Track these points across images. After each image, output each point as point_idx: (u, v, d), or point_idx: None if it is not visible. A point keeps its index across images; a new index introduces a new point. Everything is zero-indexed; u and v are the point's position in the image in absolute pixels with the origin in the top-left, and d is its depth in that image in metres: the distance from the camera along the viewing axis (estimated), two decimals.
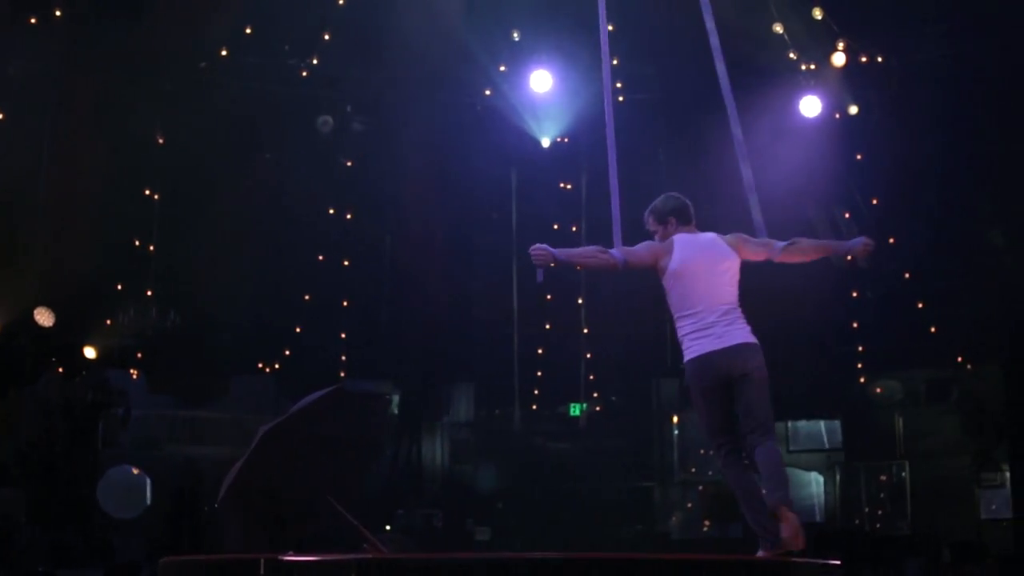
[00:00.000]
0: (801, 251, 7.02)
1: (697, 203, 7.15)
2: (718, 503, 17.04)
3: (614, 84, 15.19)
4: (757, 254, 7.02)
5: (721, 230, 7.12)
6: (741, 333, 6.80)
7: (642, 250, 7.00)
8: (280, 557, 5.16)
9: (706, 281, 6.86)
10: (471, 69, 14.98)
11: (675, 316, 6.93)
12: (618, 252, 6.94)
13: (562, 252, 6.76)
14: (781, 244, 6.97)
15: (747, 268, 7.02)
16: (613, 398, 17.68)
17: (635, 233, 7.25)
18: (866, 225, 15.40)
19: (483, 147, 15.92)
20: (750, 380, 6.71)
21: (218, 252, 14.71)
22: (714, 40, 7.78)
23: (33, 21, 13.65)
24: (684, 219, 7.13)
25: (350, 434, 7.31)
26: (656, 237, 7.13)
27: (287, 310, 16.11)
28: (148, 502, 15.14)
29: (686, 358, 6.85)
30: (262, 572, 5.19)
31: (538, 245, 6.76)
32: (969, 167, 14.71)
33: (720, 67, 7.65)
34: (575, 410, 17.21)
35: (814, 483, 16.86)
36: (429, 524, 16.00)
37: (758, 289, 7.30)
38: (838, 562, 6.41)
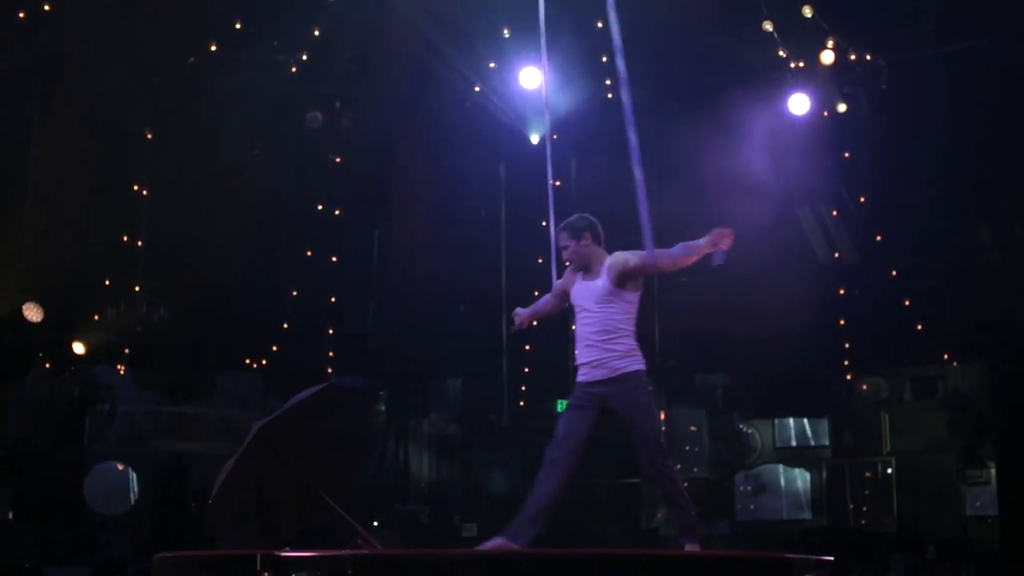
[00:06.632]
0: (670, 259, 6.94)
1: (683, 200, 7.12)
2: (703, 500, 17.07)
3: (602, 82, 15.43)
4: (637, 270, 6.91)
5: (709, 225, 6.98)
6: (611, 366, 7.01)
7: (557, 283, 7.28)
8: (277, 553, 5.16)
9: (585, 313, 7.04)
10: (461, 65, 14.97)
11: None
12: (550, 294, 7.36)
13: (530, 309, 7.39)
14: (651, 257, 6.86)
15: (739, 268, 6.96)
16: None
17: (624, 234, 7.23)
18: (853, 223, 15.50)
19: (472, 143, 15.91)
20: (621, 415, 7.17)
21: (206, 248, 14.68)
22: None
23: (22, 15, 13.60)
24: (596, 239, 7.10)
25: (343, 430, 7.34)
26: (565, 253, 7.13)
27: (275, 306, 16.06)
28: (135, 498, 15.13)
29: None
30: (259, 568, 5.19)
31: (516, 311, 7.36)
32: (957, 165, 14.75)
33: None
34: (562, 406, 17.15)
35: (800, 480, 16.89)
36: (416, 520, 15.99)
37: (746, 287, 7.31)
38: (831, 558, 6.45)
